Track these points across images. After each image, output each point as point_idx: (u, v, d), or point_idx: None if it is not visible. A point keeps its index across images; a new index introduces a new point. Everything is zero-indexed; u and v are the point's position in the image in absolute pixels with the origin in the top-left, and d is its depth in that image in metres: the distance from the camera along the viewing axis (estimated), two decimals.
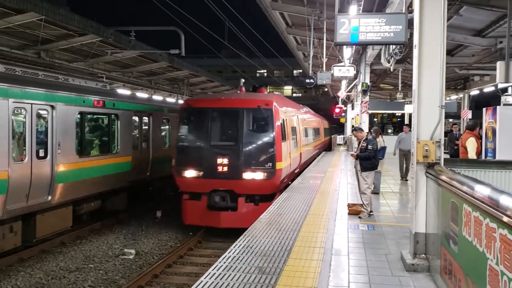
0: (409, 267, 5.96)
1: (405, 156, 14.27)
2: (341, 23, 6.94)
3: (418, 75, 6.10)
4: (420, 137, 6.09)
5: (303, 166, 18.47)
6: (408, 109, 26.76)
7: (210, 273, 5.79)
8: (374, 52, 15.45)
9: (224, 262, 6.20)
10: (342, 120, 42.72)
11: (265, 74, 70.24)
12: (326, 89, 51.93)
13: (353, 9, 10.01)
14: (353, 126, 18.50)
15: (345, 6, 10.78)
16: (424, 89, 6.10)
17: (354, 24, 6.93)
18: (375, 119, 56.72)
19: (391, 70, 13.86)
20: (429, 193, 5.99)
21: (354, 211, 9.43)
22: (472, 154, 10.26)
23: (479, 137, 11.06)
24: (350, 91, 26.63)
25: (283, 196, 11.77)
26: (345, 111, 39.76)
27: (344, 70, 15.23)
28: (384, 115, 55.30)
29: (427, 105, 6.08)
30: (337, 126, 57.20)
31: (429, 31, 6.06)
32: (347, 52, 15.80)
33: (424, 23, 6.06)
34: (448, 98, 29.05)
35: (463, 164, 8.79)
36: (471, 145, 10.32)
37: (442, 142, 6.12)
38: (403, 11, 8.29)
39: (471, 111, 26.56)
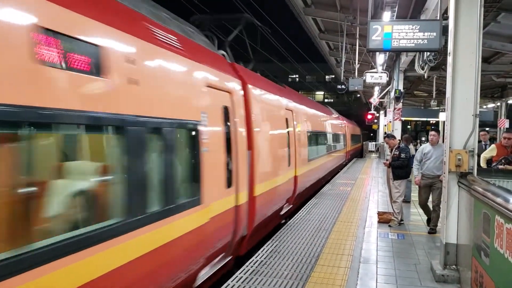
0: (439, 277, 5.85)
1: (431, 186, 8.80)
2: (374, 29, 6.90)
3: (452, 83, 6.01)
4: (453, 146, 5.99)
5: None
6: (442, 116, 26.20)
7: (237, 276, 5.82)
8: (408, 58, 15.24)
9: (252, 266, 6.24)
10: (374, 126, 42.21)
11: (297, 79, 70.10)
12: (358, 95, 51.49)
13: (386, 15, 9.92)
14: (385, 133, 18.22)
15: (378, 12, 10.69)
16: (458, 98, 6.00)
17: (387, 30, 6.88)
18: (408, 126, 55.78)
19: (425, 77, 13.63)
20: (461, 203, 5.89)
21: (384, 219, 9.33)
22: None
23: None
24: (383, 97, 26.30)
25: (312, 202, 11.73)
26: (378, 118, 39.29)
27: (376, 76, 15.06)
28: (417, 122, 54.38)
29: (461, 114, 5.98)
30: (368, 133, 56.60)
31: (464, 38, 5.95)
32: (380, 58, 15.63)
33: (459, 30, 5.97)
34: (484, 107, 28.33)
35: (499, 174, 8.56)
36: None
37: (476, 151, 6.01)
38: (438, 18, 8.18)
39: (508, 120, 25.75)
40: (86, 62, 3.41)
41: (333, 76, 57.29)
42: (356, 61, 15.96)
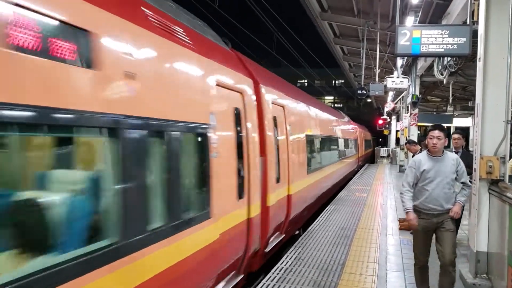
0: (471, 286, 5.75)
1: (435, 230, 5.09)
2: (402, 34, 6.82)
3: (483, 89, 5.92)
4: (484, 152, 5.89)
5: None
6: (457, 122, 25.96)
7: (264, 283, 5.75)
8: (425, 64, 15.10)
9: (277, 273, 6.16)
10: (385, 132, 41.96)
11: (306, 84, 69.98)
12: (369, 100, 51.25)
13: (409, 20, 9.84)
14: (397, 139, 18.05)
15: (400, 17, 10.63)
16: (488, 103, 5.92)
17: (416, 35, 6.79)
18: (418, 132, 55.44)
19: (444, 82, 13.49)
20: (492, 211, 5.79)
21: (405, 226, 9.16)
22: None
23: None
24: (396, 102, 26.14)
25: (330, 208, 11.64)
26: (389, 123, 39.06)
27: (397, 81, 14.83)
28: (427, 127, 54.02)
29: (492, 120, 5.90)
30: (376, 138, 56.30)
31: (495, 43, 5.88)
32: (399, 63, 15.53)
33: (490, 35, 5.89)
34: None
35: None
36: None
37: (507, 158, 5.90)
38: (463, 23, 8.09)
39: None
40: None
41: (343, 81, 57.19)
42: (377, 66, 15.86)
